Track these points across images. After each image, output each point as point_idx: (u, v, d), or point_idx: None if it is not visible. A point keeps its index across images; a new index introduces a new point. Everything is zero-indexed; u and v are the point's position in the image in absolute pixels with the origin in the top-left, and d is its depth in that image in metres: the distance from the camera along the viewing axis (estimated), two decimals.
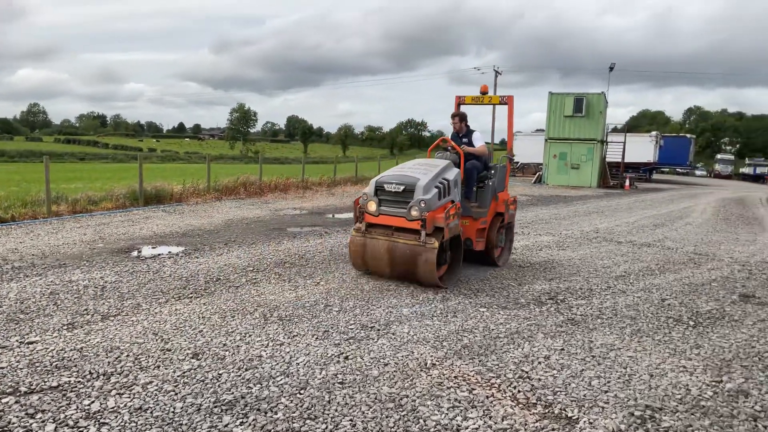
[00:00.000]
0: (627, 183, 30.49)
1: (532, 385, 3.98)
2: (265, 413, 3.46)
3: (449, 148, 7.52)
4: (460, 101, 8.28)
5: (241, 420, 3.37)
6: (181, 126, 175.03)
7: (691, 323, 5.58)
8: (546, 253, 9.17)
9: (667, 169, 56.91)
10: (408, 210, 6.23)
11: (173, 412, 3.45)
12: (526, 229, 12.13)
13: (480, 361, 4.40)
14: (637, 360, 4.53)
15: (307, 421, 3.37)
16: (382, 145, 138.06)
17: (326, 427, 3.31)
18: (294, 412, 3.48)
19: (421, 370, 4.19)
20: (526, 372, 4.22)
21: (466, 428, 3.35)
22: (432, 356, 4.47)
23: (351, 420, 3.40)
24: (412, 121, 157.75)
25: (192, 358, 4.29)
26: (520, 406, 3.67)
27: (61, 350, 4.36)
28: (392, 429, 3.32)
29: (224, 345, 4.57)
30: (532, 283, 7.07)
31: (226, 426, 3.29)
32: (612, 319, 5.64)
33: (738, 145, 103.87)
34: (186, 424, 3.30)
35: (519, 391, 3.88)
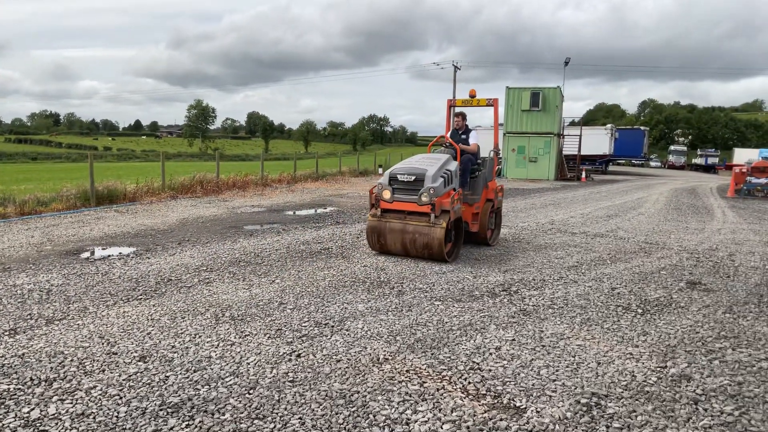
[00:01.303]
0: (583, 175, 31.13)
1: (483, 377, 4.02)
2: (212, 414, 3.40)
3: (446, 144, 8.73)
4: (451, 104, 9.84)
5: (186, 422, 3.30)
6: (138, 124, 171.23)
7: (639, 311, 5.73)
8: (502, 246, 9.28)
9: (623, 161, 58.33)
10: (419, 196, 7.47)
11: (117, 416, 3.36)
12: None
13: (432, 354, 4.43)
14: (586, 348, 4.62)
15: (255, 421, 3.33)
16: (344, 140, 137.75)
17: (274, 426, 3.28)
18: (242, 413, 3.43)
19: (373, 365, 4.19)
20: (477, 363, 4.26)
21: (416, 421, 3.36)
22: (384, 351, 4.47)
23: (300, 418, 3.38)
24: (375, 117, 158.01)
25: (139, 361, 4.19)
26: (470, 397, 3.70)
27: (2, 357, 4.21)
28: (342, 425, 3.31)
29: (173, 347, 4.48)
30: (487, 275, 7.14)
31: (171, 429, 3.23)
32: (563, 308, 5.75)
33: (690, 137, 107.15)
34: (130, 429, 3.22)
35: (469, 383, 3.92)
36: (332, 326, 5.05)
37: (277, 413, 3.44)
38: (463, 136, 9.01)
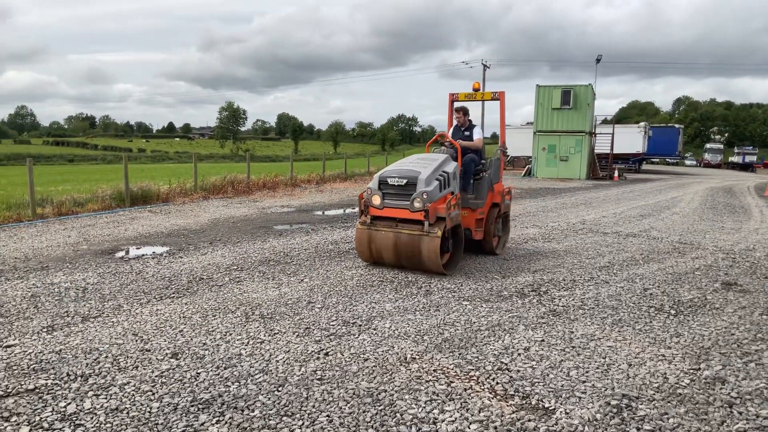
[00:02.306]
0: (616, 174, 30.63)
1: (511, 377, 4.00)
2: (242, 411, 3.45)
3: (446, 142, 7.97)
4: (453, 98, 8.65)
5: (217, 418, 3.36)
6: (171, 126, 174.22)
7: (672, 312, 5.61)
8: (531, 246, 9.20)
9: (657, 160, 57.19)
10: (411, 202, 6.65)
11: (149, 412, 3.44)
12: (513, 222, 12.15)
13: (460, 354, 4.41)
14: (617, 350, 4.55)
15: (284, 418, 3.37)
16: (373, 141, 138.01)
17: (303, 423, 3.31)
18: (271, 410, 3.48)
19: (401, 365, 4.19)
20: (506, 364, 4.24)
21: (443, 421, 3.36)
22: (412, 350, 4.48)
23: (328, 416, 3.41)
24: (403, 117, 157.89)
25: (171, 357, 4.28)
26: (498, 397, 3.68)
27: (40, 353, 4.34)
28: (369, 423, 3.32)
29: (204, 344, 4.56)
30: (516, 275, 7.09)
31: (202, 425, 3.29)
32: (594, 309, 5.67)
33: (727, 134, 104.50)
34: (162, 424, 3.29)
35: (497, 383, 3.89)
36: (360, 325, 5.07)
37: (305, 410, 3.47)
38: (466, 133, 8.16)
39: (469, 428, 3.28)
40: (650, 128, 41.46)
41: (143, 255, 8.10)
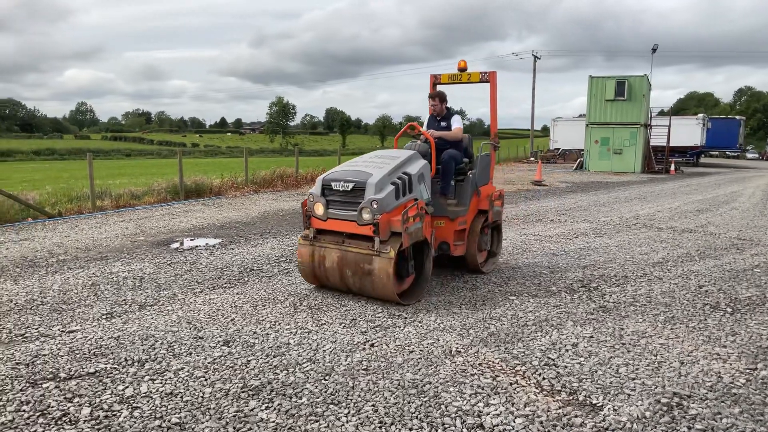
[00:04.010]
0: (672, 167, 29.61)
1: (558, 372, 3.96)
2: (290, 398, 3.54)
3: (417, 135, 6.59)
4: (435, 80, 7.17)
5: (266, 405, 3.46)
6: (223, 121, 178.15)
7: (729, 310, 5.42)
8: (582, 241, 9.03)
9: (716, 153, 54.97)
10: (359, 212, 5.25)
11: (202, 396, 3.57)
12: (563, 216, 11.95)
13: (506, 349, 4.39)
14: (669, 347, 4.44)
15: (331, 406, 3.44)
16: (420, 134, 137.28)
17: (348, 412, 3.37)
18: (318, 398, 3.55)
19: (446, 357, 4.21)
20: (552, 359, 4.19)
21: (488, 414, 3.36)
22: (457, 344, 4.48)
23: (373, 405, 3.46)
24: (451, 110, 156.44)
25: (223, 345, 4.42)
26: (544, 393, 3.65)
27: (100, 338, 4.55)
28: (413, 414, 3.35)
29: (254, 333, 4.69)
30: (565, 270, 6.98)
31: (252, 410, 3.39)
32: (646, 306, 5.53)
33: None
34: (214, 409, 3.41)
35: (543, 378, 3.86)
36: (405, 317, 5.11)
37: (351, 400, 3.53)
38: (443, 124, 6.65)
39: (514, 422, 3.27)
40: (709, 120, 39.84)
41: (197, 246, 8.36)
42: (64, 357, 4.18)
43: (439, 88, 7.05)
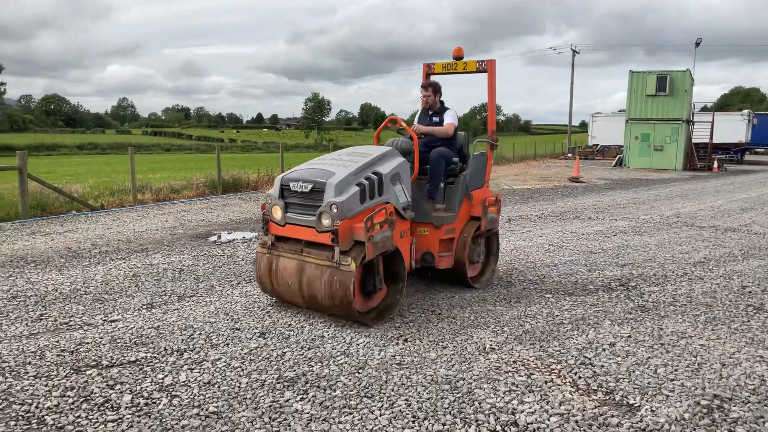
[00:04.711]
0: (715, 165, 28.76)
1: (594, 372, 3.90)
2: (324, 390, 3.58)
3: (400, 130, 5.89)
4: (429, 70, 6.47)
5: (301, 396, 3.51)
6: (260, 116, 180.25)
7: None
8: (620, 239, 8.86)
9: (762, 150, 53.13)
10: (317, 217, 4.60)
11: (239, 386, 3.63)
12: (601, 214, 11.75)
13: (541, 347, 4.35)
14: (709, 349, 4.33)
15: (364, 399, 3.47)
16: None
17: (382, 405, 3.39)
18: (352, 390, 3.58)
19: (479, 354, 4.19)
20: (589, 358, 4.13)
21: (522, 412, 3.33)
22: (491, 341, 4.46)
23: (406, 400, 3.47)
24: (486, 105, 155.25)
25: (259, 336, 4.49)
26: (580, 392, 3.61)
27: (140, 328, 4.68)
28: (446, 410, 3.35)
29: (289, 325, 4.75)
30: (603, 269, 6.86)
31: (287, 401, 3.44)
32: (686, 306, 5.40)
33: None
34: (250, 398, 3.47)
35: (579, 377, 3.81)
36: (439, 313, 5.10)
37: (384, 393, 3.55)
38: (435, 119, 5.96)
39: (549, 421, 3.24)
40: (755, 116, 38.55)
41: (234, 240, 8.50)
42: (106, 345, 4.31)
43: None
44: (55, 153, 59.89)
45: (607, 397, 3.53)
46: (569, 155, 39.40)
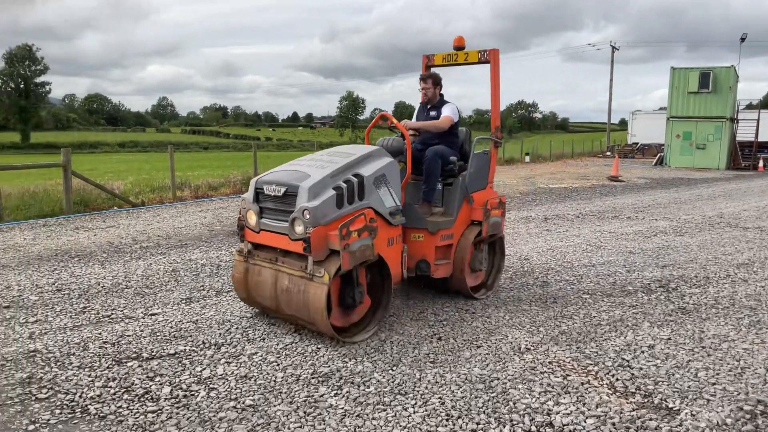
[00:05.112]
0: (761, 164, 27.84)
1: (632, 374, 3.83)
2: (358, 386, 3.60)
3: (391, 126, 5.40)
4: (428, 62, 5.99)
5: (335, 391, 3.53)
6: (295, 115, 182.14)
7: None
8: (661, 239, 8.66)
9: None
10: (290, 224, 4.20)
11: (274, 380, 3.68)
12: (641, 213, 11.50)
13: (577, 348, 4.29)
14: (753, 353, 4.20)
15: (398, 396, 3.48)
16: (490, 128, 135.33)
17: (415, 403, 3.39)
18: (385, 387, 3.59)
19: (514, 354, 4.15)
20: (627, 361, 4.06)
21: (558, 413, 3.29)
22: (527, 341, 4.42)
23: (440, 398, 3.46)
24: (523, 103, 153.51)
25: (294, 332, 4.54)
26: (617, 394, 3.54)
27: (179, 322, 4.78)
28: (480, 409, 3.34)
29: None
30: (642, 270, 6.72)
31: (321, 396, 3.48)
32: (728, 309, 5.25)
33: None
34: (285, 392, 3.52)
35: (617, 380, 3.74)
36: (473, 312, 5.08)
37: (418, 391, 3.55)
38: (432, 114, 5.50)
39: (585, 422, 3.19)
40: None
41: None
42: (147, 338, 4.41)
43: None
44: (97, 151, 61.66)
45: (646, 400, 3.46)
46: (608, 153, 38.68)
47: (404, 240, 4.89)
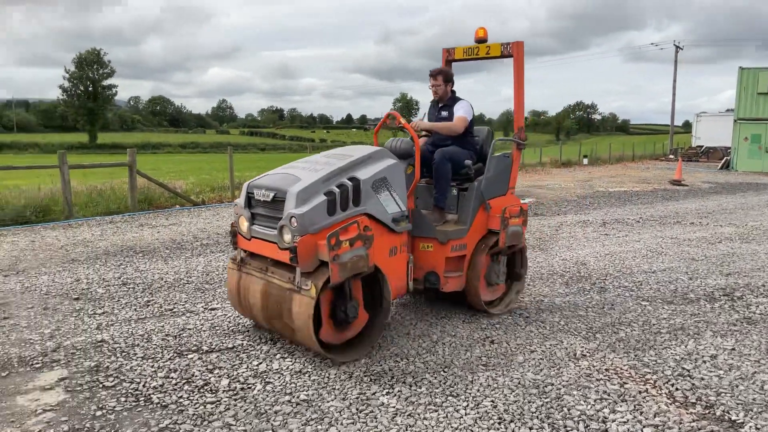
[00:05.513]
0: None
1: (693, 384, 3.70)
2: (410, 386, 3.63)
3: (400, 126, 4.86)
4: (449, 56, 5.60)
5: (387, 390, 3.57)
6: (349, 117, 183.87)
7: None
8: (726, 246, 8.31)
9: None
10: (278, 232, 3.88)
11: (328, 377, 3.75)
12: (705, 219, 11.06)
13: (636, 356, 4.18)
14: None
15: (449, 398, 3.48)
16: (547, 130, 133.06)
17: (467, 405, 3.39)
18: (437, 388, 3.60)
19: (569, 360, 4.08)
20: (688, 370, 3.92)
21: (613, 421, 3.22)
22: (582, 347, 4.33)
23: (492, 401, 3.45)
24: (581, 104, 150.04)
25: None
26: (677, 404, 3.44)
27: (237, 317, 4.92)
28: (534, 414, 3.30)
29: None
30: (705, 277, 6.47)
31: (373, 394, 3.52)
32: None
33: None
34: (338, 389, 3.58)
35: (677, 389, 3.63)
36: (527, 317, 5.02)
37: (470, 393, 3.54)
38: (444, 113, 5.13)
39: (642, 431, 3.11)
40: None
41: None
42: (207, 332, 4.57)
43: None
44: (160, 151, 64.00)
45: (707, 411, 3.35)
46: (671, 157, 37.34)
47: (413, 249, 4.59)
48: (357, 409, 3.32)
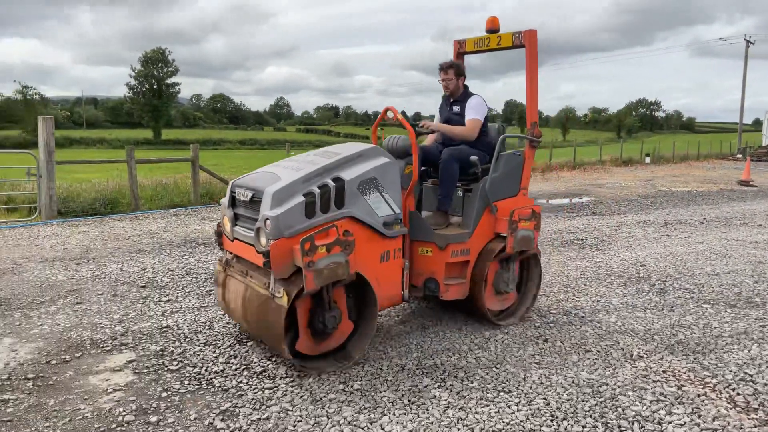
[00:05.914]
0: None
1: (756, 390, 3.59)
2: (462, 381, 3.66)
3: (403, 124, 4.45)
4: (460, 48, 5.25)
5: (439, 384, 3.62)
6: (404, 114, 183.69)
7: None
8: None
9: None
10: (255, 234, 3.65)
11: (381, 369, 3.83)
12: (760, 220, 10.58)
13: (695, 359, 4.07)
14: None
15: (501, 394, 3.50)
16: (607, 127, 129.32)
17: (519, 402, 3.40)
18: (489, 384, 3.63)
19: (626, 361, 4.02)
20: (750, 375, 3.80)
21: (670, 423, 3.17)
22: (639, 348, 4.25)
23: (545, 399, 3.44)
24: (644, 101, 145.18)
25: (399, 324, 4.68)
26: (738, 408, 3.34)
27: None
28: (587, 413, 3.28)
29: (430, 317, 4.88)
30: None
31: (425, 387, 3.57)
32: None
33: None
34: (391, 381, 3.65)
35: (738, 394, 3.53)
36: (582, 316, 4.96)
37: (522, 390, 3.55)
38: (455, 108, 4.82)
39: None
40: None
41: None
42: None
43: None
44: (220, 147, 65.83)
45: None
46: (739, 156, 35.71)
47: (411, 254, 4.28)
48: (409, 401, 3.39)
